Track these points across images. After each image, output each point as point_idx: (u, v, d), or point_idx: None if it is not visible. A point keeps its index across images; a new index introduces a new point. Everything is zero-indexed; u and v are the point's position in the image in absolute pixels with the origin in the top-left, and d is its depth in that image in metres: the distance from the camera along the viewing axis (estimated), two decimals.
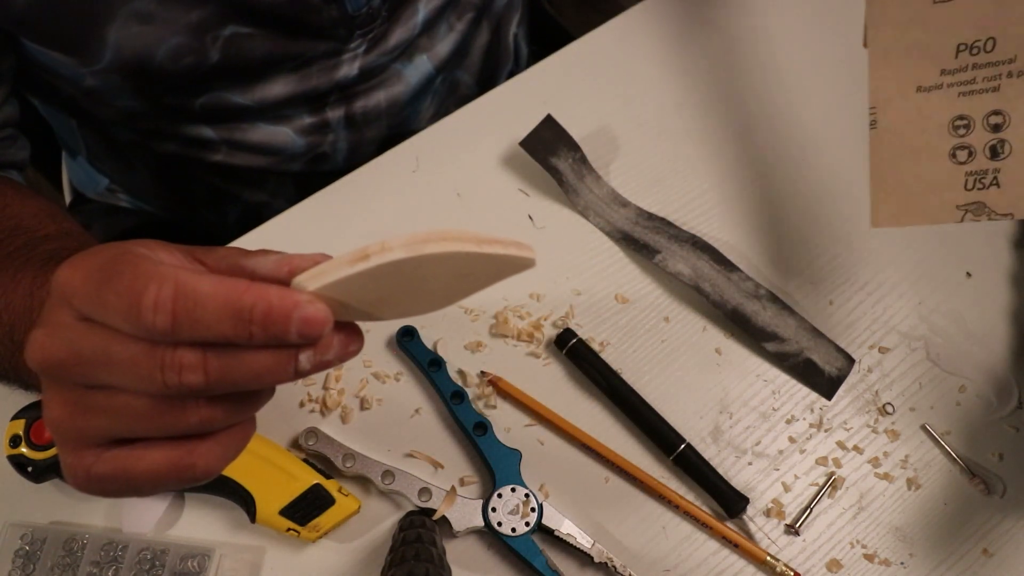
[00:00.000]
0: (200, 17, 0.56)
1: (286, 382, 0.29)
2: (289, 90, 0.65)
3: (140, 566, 0.50)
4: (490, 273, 0.31)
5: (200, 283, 0.27)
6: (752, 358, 0.59)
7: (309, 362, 0.29)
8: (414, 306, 0.33)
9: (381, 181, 0.65)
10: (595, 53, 0.71)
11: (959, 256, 0.63)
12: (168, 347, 0.28)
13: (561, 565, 0.52)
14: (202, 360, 0.28)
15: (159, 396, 0.29)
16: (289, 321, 0.28)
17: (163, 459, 0.30)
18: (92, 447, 0.30)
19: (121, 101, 0.63)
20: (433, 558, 0.48)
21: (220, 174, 0.71)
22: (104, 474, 0.30)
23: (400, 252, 0.27)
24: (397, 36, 0.67)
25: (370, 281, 0.28)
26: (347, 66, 0.66)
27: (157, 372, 0.28)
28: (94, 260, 0.29)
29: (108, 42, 0.56)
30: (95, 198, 0.82)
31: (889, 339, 0.60)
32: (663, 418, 0.56)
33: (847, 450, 0.57)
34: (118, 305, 0.27)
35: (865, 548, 0.54)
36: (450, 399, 0.55)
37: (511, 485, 0.53)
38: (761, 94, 0.70)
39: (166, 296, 0.27)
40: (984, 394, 0.59)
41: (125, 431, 0.30)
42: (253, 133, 0.68)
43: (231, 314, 0.27)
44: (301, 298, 0.28)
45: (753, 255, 0.63)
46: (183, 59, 0.58)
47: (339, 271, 0.28)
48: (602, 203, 0.63)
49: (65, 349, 0.29)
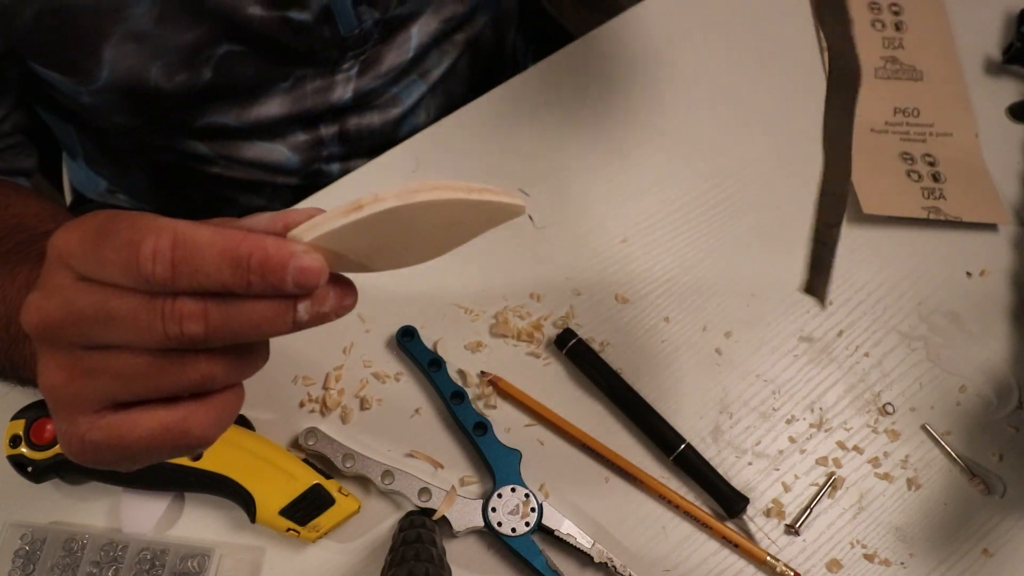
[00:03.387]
0: (195, 37, 0.57)
1: (285, 333, 0.29)
2: (284, 111, 0.65)
3: (140, 566, 0.50)
4: (481, 220, 0.32)
5: (198, 232, 0.28)
6: (752, 358, 0.59)
7: (307, 312, 0.29)
8: (408, 256, 0.33)
9: (381, 181, 0.65)
10: (595, 53, 0.71)
11: (959, 256, 0.63)
12: (168, 298, 0.28)
13: (561, 565, 0.52)
14: (203, 308, 0.28)
15: (158, 351, 0.29)
16: (285, 269, 0.28)
17: (158, 425, 0.30)
18: (88, 413, 0.30)
19: (117, 118, 0.63)
20: (433, 558, 0.47)
21: (217, 183, 0.71)
22: (99, 441, 0.30)
23: (392, 201, 0.28)
24: (390, 60, 0.67)
25: (364, 231, 0.29)
26: (341, 88, 0.66)
27: (158, 322, 0.28)
28: (91, 222, 0.29)
29: (104, 61, 0.56)
30: (95, 198, 0.82)
31: (889, 339, 0.60)
32: (663, 418, 0.56)
33: (847, 450, 0.57)
34: (116, 259, 0.27)
35: (865, 548, 0.54)
36: (450, 399, 0.55)
37: (511, 485, 0.53)
38: (760, 93, 0.70)
39: (164, 245, 0.27)
40: (984, 394, 0.59)
41: (123, 393, 0.30)
42: (248, 150, 0.68)
43: (230, 262, 0.27)
44: (297, 248, 0.28)
45: (751, 253, 0.63)
46: (176, 76, 0.58)
47: (333, 222, 0.29)
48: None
49: (63, 309, 0.29)
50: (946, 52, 0.71)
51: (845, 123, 0.40)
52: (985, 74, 0.71)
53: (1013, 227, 0.65)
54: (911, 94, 0.69)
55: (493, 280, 0.61)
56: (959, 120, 0.68)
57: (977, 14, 0.74)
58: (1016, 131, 0.69)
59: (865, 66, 0.70)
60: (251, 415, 0.55)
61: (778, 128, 0.68)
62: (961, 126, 0.68)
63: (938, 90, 0.69)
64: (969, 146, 0.67)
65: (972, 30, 0.72)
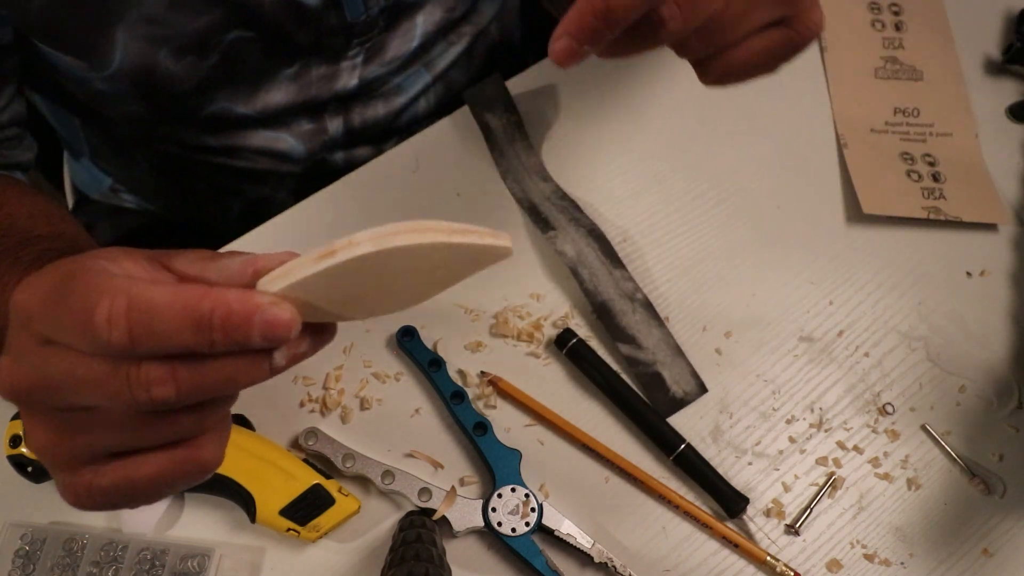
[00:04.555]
0: (207, 22, 0.57)
1: (265, 379, 0.28)
2: (289, 98, 0.65)
3: (140, 566, 0.50)
4: (465, 264, 0.29)
5: (154, 292, 0.26)
6: (752, 358, 0.59)
7: (284, 358, 0.28)
8: (388, 303, 0.31)
9: (381, 181, 0.65)
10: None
11: (959, 256, 0.63)
12: (133, 363, 0.26)
13: (561, 565, 0.52)
14: (170, 372, 0.27)
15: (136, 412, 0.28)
16: (251, 325, 0.26)
17: (167, 461, 0.29)
18: (87, 463, 0.29)
19: (127, 106, 0.63)
20: (433, 558, 0.47)
21: (222, 173, 0.71)
22: (107, 487, 0.29)
23: (367, 246, 0.26)
24: (395, 48, 0.67)
25: (338, 279, 0.27)
26: (346, 76, 0.67)
27: (125, 390, 0.26)
28: (48, 280, 0.28)
29: (116, 45, 0.56)
30: (99, 198, 0.82)
31: (889, 339, 0.60)
32: (663, 418, 0.56)
33: (847, 450, 0.57)
34: (73, 324, 0.26)
35: (865, 548, 0.54)
36: (450, 399, 0.55)
37: (511, 485, 0.53)
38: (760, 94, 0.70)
39: (119, 310, 0.25)
40: (984, 394, 0.59)
41: (118, 445, 0.29)
42: (254, 139, 0.68)
43: (190, 323, 0.26)
44: (263, 300, 0.26)
45: (751, 253, 0.63)
46: (184, 57, 0.58)
47: (304, 269, 0.27)
48: (524, 171, 0.64)
49: (33, 375, 0.28)
50: (946, 52, 0.71)
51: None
52: (985, 74, 0.71)
53: (1013, 227, 0.65)
54: (911, 94, 0.69)
55: (493, 280, 0.61)
56: (959, 120, 0.68)
57: (977, 14, 0.74)
58: (1016, 131, 0.69)
59: (865, 66, 0.70)
60: (251, 415, 0.55)
61: (778, 128, 0.68)
62: (961, 126, 0.68)
63: (938, 90, 0.70)
64: (969, 146, 0.67)
65: (972, 30, 0.72)
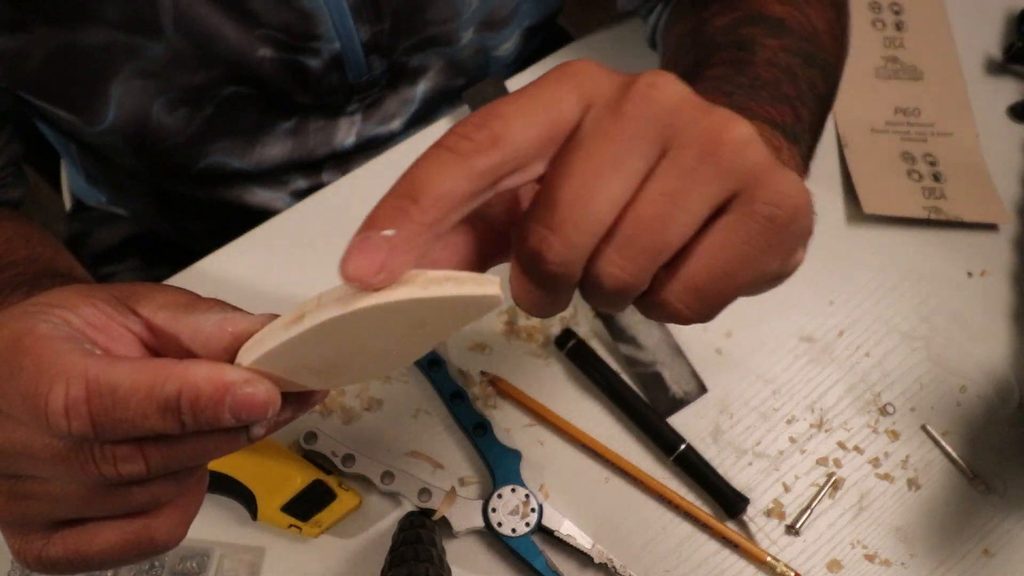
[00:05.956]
0: (205, 78, 0.56)
1: (242, 448, 0.26)
2: (286, 153, 0.64)
3: (140, 566, 0.50)
4: (449, 318, 0.26)
5: (114, 374, 0.24)
6: (752, 358, 0.59)
7: (264, 427, 0.26)
8: (371, 368, 0.28)
9: (381, 181, 0.64)
10: (595, 53, 0.71)
11: (959, 256, 0.63)
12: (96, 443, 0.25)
13: (561, 566, 0.52)
14: (138, 449, 0.25)
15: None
16: (221, 407, 0.24)
17: (118, 536, 0.27)
18: (38, 530, 0.27)
19: (121, 159, 0.62)
20: (433, 558, 0.47)
21: (217, 216, 0.70)
22: (56, 557, 0.27)
23: (333, 309, 0.23)
24: (394, 107, 0.66)
25: (310, 345, 0.24)
26: (344, 131, 0.65)
27: (91, 466, 0.25)
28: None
29: (111, 99, 0.55)
30: (96, 206, 0.82)
31: (889, 339, 0.60)
32: (663, 418, 0.56)
33: (847, 450, 0.57)
34: (24, 408, 0.24)
35: (865, 548, 0.54)
36: (450, 399, 0.55)
37: (511, 485, 0.53)
38: None
39: (77, 397, 0.23)
40: (984, 394, 0.59)
41: (70, 514, 0.27)
42: (250, 197, 0.67)
43: (156, 407, 0.24)
44: (234, 378, 0.24)
45: None
46: (178, 109, 0.57)
47: (275, 337, 0.24)
48: None
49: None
50: (946, 52, 0.71)
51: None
52: (985, 74, 0.71)
53: (1013, 227, 0.65)
54: (911, 94, 0.69)
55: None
56: (959, 120, 0.68)
57: (977, 14, 0.74)
58: (1016, 131, 0.69)
59: (865, 65, 0.70)
60: None
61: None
62: (961, 126, 0.68)
63: (938, 90, 0.70)
64: (970, 146, 0.67)
65: (972, 30, 0.72)
